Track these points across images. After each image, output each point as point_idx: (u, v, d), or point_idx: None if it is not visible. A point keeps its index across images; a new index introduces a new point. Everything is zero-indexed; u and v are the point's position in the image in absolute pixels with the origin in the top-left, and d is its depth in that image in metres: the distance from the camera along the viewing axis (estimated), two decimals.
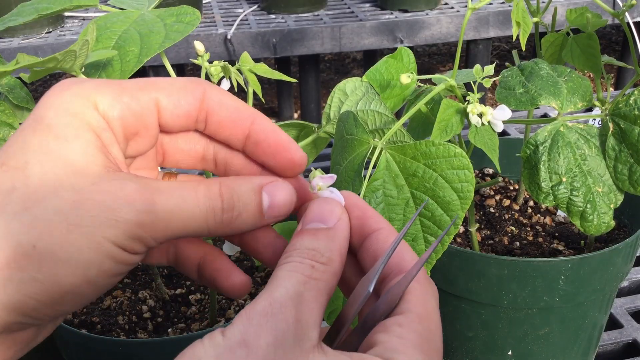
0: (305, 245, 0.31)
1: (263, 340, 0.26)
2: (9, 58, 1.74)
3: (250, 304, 0.28)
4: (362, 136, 0.50)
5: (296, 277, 0.29)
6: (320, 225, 0.32)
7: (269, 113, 2.84)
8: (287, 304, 0.27)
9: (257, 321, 0.27)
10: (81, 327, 0.62)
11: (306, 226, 0.32)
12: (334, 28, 1.91)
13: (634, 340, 0.80)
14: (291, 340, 0.27)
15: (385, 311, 0.31)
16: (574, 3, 2.05)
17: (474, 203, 0.78)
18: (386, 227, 0.34)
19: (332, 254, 0.31)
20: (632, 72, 2.33)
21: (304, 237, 0.32)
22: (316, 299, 0.29)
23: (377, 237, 0.33)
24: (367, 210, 0.34)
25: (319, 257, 0.30)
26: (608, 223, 0.59)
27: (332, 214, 0.33)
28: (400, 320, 0.30)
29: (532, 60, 0.62)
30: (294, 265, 0.30)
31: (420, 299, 0.31)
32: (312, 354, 0.27)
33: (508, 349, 0.68)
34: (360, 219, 0.34)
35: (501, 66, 0.67)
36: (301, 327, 0.27)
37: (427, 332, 0.29)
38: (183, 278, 0.70)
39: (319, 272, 0.30)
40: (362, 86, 0.55)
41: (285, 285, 0.28)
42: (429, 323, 0.30)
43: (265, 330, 0.26)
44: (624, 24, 0.65)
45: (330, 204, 0.33)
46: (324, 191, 0.34)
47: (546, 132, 0.59)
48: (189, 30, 0.48)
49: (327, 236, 0.31)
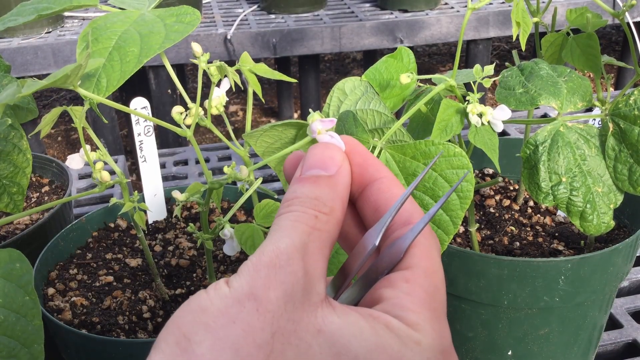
0: (307, 194, 0.30)
1: (272, 293, 0.25)
2: (9, 58, 1.73)
3: (255, 254, 0.27)
4: (362, 135, 0.50)
5: (300, 227, 0.28)
6: (321, 172, 0.31)
7: (269, 113, 2.85)
8: (294, 256, 0.27)
9: (265, 273, 0.26)
10: (81, 327, 0.62)
11: (306, 172, 0.31)
12: (334, 28, 1.91)
13: (634, 340, 0.80)
14: (300, 293, 0.26)
15: (388, 265, 0.30)
16: (574, 3, 2.05)
17: (473, 203, 0.78)
18: (388, 176, 0.33)
19: (334, 203, 0.30)
20: (632, 72, 2.33)
21: (305, 185, 0.30)
22: (321, 251, 0.28)
23: (378, 186, 0.32)
24: (368, 157, 0.33)
25: (322, 207, 0.29)
26: (608, 223, 0.59)
27: (333, 160, 0.31)
28: (407, 276, 0.29)
29: (532, 60, 0.62)
30: (297, 214, 0.29)
31: (426, 253, 0.30)
32: (320, 309, 0.26)
33: (508, 349, 0.68)
34: (360, 166, 0.33)
35: (501, 66, 0.67)
36: (309, 279, 0.27)
37: (433, 288, 0.29)
38: (183, 278, 0.70)
39: (322, 223, 0.29)
40: (361, 85, 0.55)
41: (290, 235, 0.27)
42: (435, 278, 0.29)
43: (274, 282, 0.26)
44: (624, 24, 0.65)
45: (332, 150, 0.32)
46: (323, 135, 0.33)
47: (546, 132, 0.59)
48: (189, 31, 0.48)
49: (328, 184, 0.30)
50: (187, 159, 1.32)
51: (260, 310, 0.25)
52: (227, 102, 2.02)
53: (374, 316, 0.27)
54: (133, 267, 0.71)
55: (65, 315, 0.63)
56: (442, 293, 0.29)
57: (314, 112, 0.35)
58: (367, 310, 0.27)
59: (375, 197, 0.32)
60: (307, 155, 0.32)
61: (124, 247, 0.75)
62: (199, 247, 0.74)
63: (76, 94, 2.95)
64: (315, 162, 0.31)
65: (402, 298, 0.28)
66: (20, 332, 0.48)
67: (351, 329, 0.26)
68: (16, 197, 0.67)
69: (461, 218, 0.50)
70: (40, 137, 0.57)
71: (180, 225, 0.79)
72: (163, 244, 0.75)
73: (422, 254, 0.30)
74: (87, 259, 0.73)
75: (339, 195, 0.30)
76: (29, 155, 0.67)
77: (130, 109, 0.53)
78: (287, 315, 0.25)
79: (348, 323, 0.26)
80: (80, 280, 0.69)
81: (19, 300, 0.48)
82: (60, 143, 2.61)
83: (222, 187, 0.51)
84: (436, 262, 0.30)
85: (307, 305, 0.26)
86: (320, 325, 0.26)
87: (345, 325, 0.26)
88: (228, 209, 0.79)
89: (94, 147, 0.58)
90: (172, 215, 0.80)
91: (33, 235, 0.74)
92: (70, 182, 0.86)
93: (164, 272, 0.70)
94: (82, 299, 0.66)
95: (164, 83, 1.96)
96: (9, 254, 0.49)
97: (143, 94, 1.97)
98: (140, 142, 0.73)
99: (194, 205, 0.82)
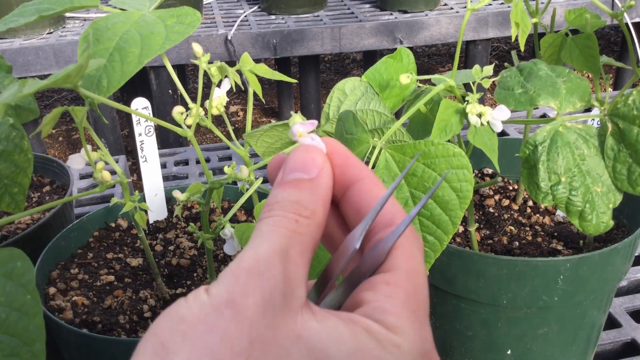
0: (288, 198, 0.30)
1: (251, 299, 0.25)
2: (11, 59, 1.74)
3: (235, 261, 0.27)
4: (362, 135, 0.51)
5: (281, 231, 0.28)
6: (302, 176, 0.31)
7: (269, 113, 2.85)
8: (273, 261, 0.26)
9: (243, 279, 0.26)
10: (82, 327, 0.62)
11: (287, 176, 0.31)
12: (334, 29, 1.92)
13: (633, 340, 0.80)
14: (279, 299, 0.26)
15: (370, 267, 0.30)
16: (572, 4, 2.05)
17: (473, 203, 0.78)
18: (369, 176, 0.32)
19: (315, 205, 0.30)
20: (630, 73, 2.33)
21: (285, 189, 0.30)
22: (302, 255, 0.28)
23: (360, 187, 0.32)
24: (349, 157, 0.33)
25: (303, 211, 0.29)
26: (607, 223, 0.59)
27: (314, 163, 0.31)
28: (387, 278, 0.29)
29: (531, 61, 0.63)
30: (277, 219, 0.29)
31: (408, 255, 0.30)
32: (300, 314, 0.26)
33: (507, 348, 0.69)
34: (341, 167, 0.32)
35: (500, 67, 0.68)
36: (289, 284, 0.26)
37: (413, 289, 0.29)
38: (184, 278, 0.70)
39: (303, 227, 0.29)
40: (361, 86, 0.56)
41: (270, 240, 0.27)
42: (416, 279, 0.29)
43: (253, 289, 0.26)
44: (623, 24, 0.65)
45: (312, 152, 0.32)
46: (304, 138, 0.33)
47: (545, 132, 0.59)
48: (190, 32, 0.49)
49: (309, 187, 0.30)
50: (188, 159, 1.32)
51: (238, 318, 0.25)
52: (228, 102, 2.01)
53: (353, 320, 0.27)
54: (134, 267, 0.72)
55: (66, 314, 0.63)
56: (424, 294, 0.29)
57: (295, 115, 0.35)
58: (347, 315, 0.27)
59: (357, 198, 0.32)
60: (288, 158, 0.32)
61: (124, 246, 0.76)
62: (200, 247, 0.75)
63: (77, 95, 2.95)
64: (296, 166, 0.31)
65: (382, 301, 0.28)
66: (21, 330, 0.48)
67: (330, 334, 0.26)
68: (17, 197, 0.67)
69: (460, 218, 0.50)
70: (42, 137, 0.57)
71: (181, 225, 0.80)
72: (164, 244, 0.76)
73: (403, 255, 0.30)
74: (88, 258, 0.73)
75: (321, 197, 0.30)
76: (30, 155, 0.67)
77: (131, 109, 0.53)
78: (265, 321, 0.25)
79: (327, 328, 0.26)
80: (82, 280, 0.69)
81: (21, 299, 0.48)
82: (61, 143, 2.61)
83: (222, 187, 0.52)
84: (418, 262, 0.30)
85: (286, 311, 0.26)
86: (300, 330, 0.26)
87: (324, 330, 0.26)
88: (228, 208, 0.79)
89: (95, 147, 0.59)
90: (173, 215, 0.80)
91: (34, 235, 0.74)
92: (72, 182, 0.87)
93: (164, 272, 0.71)
94: (83, 299, 0.66)
95: (164, 83, 1.97)
96: (11, 252, 0.49)
97: (144, 94, 1.98)
98: (141, 142, 0.74)
99: (195, 205, 0.82)
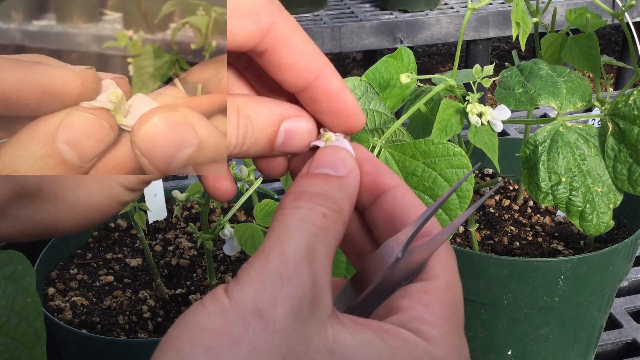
0: (316, 189, 0.27)
1: (280, 309, 0.23)
2: None
3: (258, 259, 0.25)
4: (362, 135, 0.51)
5: (308, 228, 0.26)
6: (331, 172, 0.29)
7: None
8: (301, 264, 0.24)
9: (271, 286, 0.24)
10: (81, 327, 0.62)
11: (315, 170, 0.29)
12: (334, 28, 1.91)
13: (634, 340, 0.80)
14: (307, 308, 0.24)
15: (405, 276, 0.28)
16: (573, 3, 2.05)
17: (473, 203, 0.78)
18: (402, 185, 0.31)
19: (342, 202, 0.28)
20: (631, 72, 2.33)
21: (313, 179, 0.28)
22: (327, 255, 0.26)
23: (393, 195, 0.30)
24: (380, 165, 0.31)
25: (331, 204, 0.27)
26: (607, 223, 0.59)
27: (344, 163, 0.29)
28: (427, 287, 0.27)
29: (531, 61, 0.62)
30: (305, 212, 0.26)
31: (445, 265, 0.28)
32: (330, 325, 0.24)
33: (507, 349, 0.68)
34: (372, 174, 0.31)
35: (501, 66, 0.68)
36: (317, 291, 0.25)
37: (453, 302, 0.27)
38: (183, 278, 0.70)
39: (330, 222, 0.26)
40: (361, 85, 0.55)
41: (296, 238, 0.25)
42: (456, 292, 0.28)
43: (282, 297, 0.23)
44: (624, 24, 0.65)
45: (342, 153, 0.30)
46: (332, 140, 0.31)
47: (545, 132, 0.59)
48: None
49: (338, 184, 0.28)
50: None
51: (267, 330, 0.23)
52: None
53: (388, 332, 0.25)
54: (133, 267, 0.71)
55: (65, 315, 0.63)
56: (462, 307, 0.28)
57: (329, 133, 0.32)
58: (379, 325, 0.26)
59: (390, 205, 0.30)
60: (316, 155, 0.30)
61: (124, 247, 0.75)
62: (199, 247, 0.74)
63: None
64: (325, 162, 0.29)
65: (420, 310, 0.27)
66: (22, 334, 0.48)
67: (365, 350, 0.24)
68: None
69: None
70: None
71: (180, 225, 0.79)
72: (163, 244, 0.76)
73: (442, 266, 0.28)
74: (88, 258, 0.73)
75: (348, 196, 0.28)
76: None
77: None
78: (296, 334, 0.23)
79: (361, 343, 0.24)
80: (81, 280, 0.69)
81: (21, 302, 0.48)
82: None
83: None
84: (456, 275, 0.29)
85: (315, 321, 0.24)
86: (332, 345, 0.24)
87: (358, 345, 0.24)
88: (228, 209, 0.79)
89: None
90: (172, 215, 0.80)
91: None
92: None
93: (164, 272, 0.71)
94: (83, 299, 0.66)
95: None
96: (11, 255, 0.49)
97: None
98: None
99: (194, 205, 0.82)
